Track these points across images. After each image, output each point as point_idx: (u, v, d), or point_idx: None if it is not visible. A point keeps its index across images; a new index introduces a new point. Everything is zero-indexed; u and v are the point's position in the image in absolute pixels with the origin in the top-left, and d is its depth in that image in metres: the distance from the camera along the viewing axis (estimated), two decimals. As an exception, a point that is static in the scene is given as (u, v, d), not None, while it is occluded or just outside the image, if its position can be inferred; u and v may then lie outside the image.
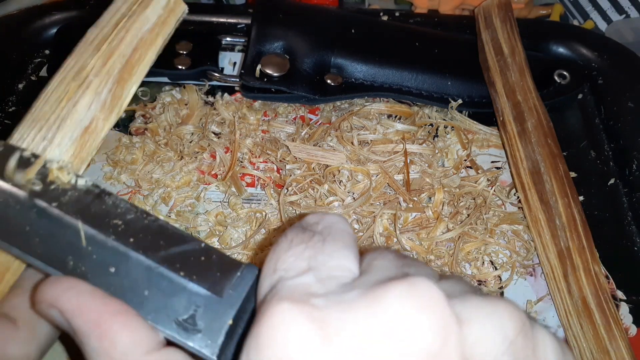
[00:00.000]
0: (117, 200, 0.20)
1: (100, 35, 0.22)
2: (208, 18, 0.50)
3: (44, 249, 0.18)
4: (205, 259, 0.19)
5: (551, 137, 0.40)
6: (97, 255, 0.18)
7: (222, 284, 0.18)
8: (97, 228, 0.19)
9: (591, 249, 0.35)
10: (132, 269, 0.18)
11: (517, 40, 0.44)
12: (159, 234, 0.19)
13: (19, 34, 0.48)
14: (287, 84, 0.42)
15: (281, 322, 0.14)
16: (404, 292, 0.14)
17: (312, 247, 0.17)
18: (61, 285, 0.18)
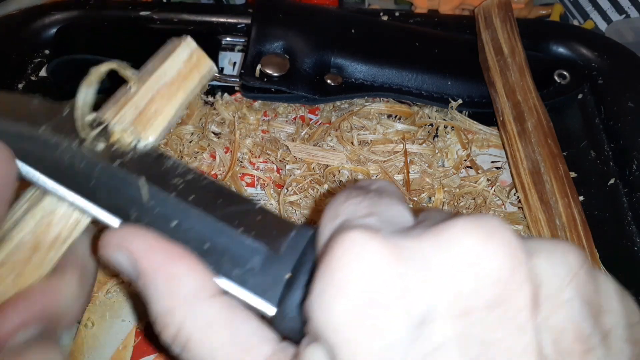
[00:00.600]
0: (176, 162, 0.20)
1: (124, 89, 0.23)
2: (208, 18, 0.50)
3: (108, 202, 0.19)
4: (261, 218, 0.19)
5: (551, 137, 0.40)
6: (159, 210, 0.19)
7: (278, 241, 0.19)
8: (158, 185, 0.19)
9: (591, 249, 0.35)
10: (193, 224, 0.19)
11: (517, 40, 0.44)
12: (217, 194, 0.20)
13: (19, 34, 0.48)
14: (287, 84, 0.42)
15: (355, 244, 0.15)
16: (473, 224, 0.15)
17: (370, 199, 0.18)
18: (130, 230, 0.19)
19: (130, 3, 0.50)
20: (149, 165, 0.20)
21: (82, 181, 0.20)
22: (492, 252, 0.14)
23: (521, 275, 0.14)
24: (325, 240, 0.17)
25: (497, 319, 0.14)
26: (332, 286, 0.15)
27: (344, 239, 0.15)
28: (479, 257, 0.14)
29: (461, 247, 0.14)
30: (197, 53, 0.25)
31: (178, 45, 0.24)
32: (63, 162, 0.20)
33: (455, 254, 0.14)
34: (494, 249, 0.14)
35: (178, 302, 0.17)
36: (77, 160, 0.20)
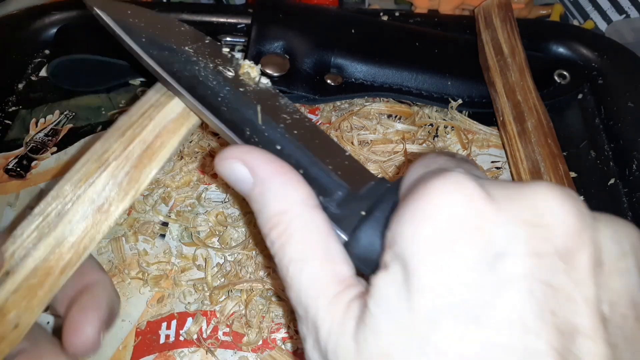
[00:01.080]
0: (288, 103, 0.24)
1: (128, 122, 0.25)
2: (208, 18, 0.50)
3: (228, 117, 0.23)
4: (348, 163, 0.22)
5: (551, 137, 0.40)
6: (268, 134, 0.22)
7: (359, 184, 0.21)
8: (270, 115, 0.23)
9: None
10: (293, 152, 0.22)
11: (517, 40, 0.44)
12: (316, 135, 0.23)
13: (19, 34, 0.48)
14: (287, 84, 0.42)
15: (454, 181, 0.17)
16: (554, 187, 0.17)
17: (457, 160, 0.20)
18: (248, 147, 0.21)
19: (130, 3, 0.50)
20: (266, 98, 0.24)
21: (211, 96, 0.23)
22: (566, 210, 0.16)
23: (587, 234, 0.16)
24: (414, 180, 0.19)
25: (563, 267, 0.16)
26: (429, 208, 0.17)
27: (444, 175, 0.17)
28: (556, 212, 0.16)
29: (542, 200, 0.16)
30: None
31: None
32: (199, 77, 0.23)
33: (537, 204, 0.16)
34: (568, 208, 0.16)
35: (291, 204, 0.20)
36: (210, 79, 0.23)
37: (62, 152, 0.42)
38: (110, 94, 0.46)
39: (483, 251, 0.16)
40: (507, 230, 0.16)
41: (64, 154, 0.42)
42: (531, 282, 0.15)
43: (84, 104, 0.45)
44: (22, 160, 0.41)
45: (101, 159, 0.24)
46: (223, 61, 0.24)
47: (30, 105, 0.45)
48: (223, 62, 0.24)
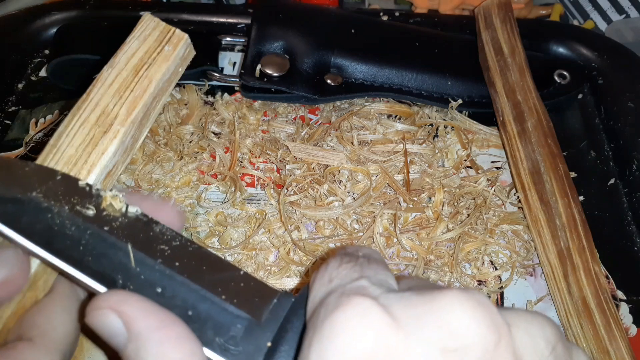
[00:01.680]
0: (164, 229, 0.21)
1: (120, 79, 0.23)
2: (208, 18, 0.50)
3: (95, 267, 0.20)
4: (244, 285, 0.20)
5: (551, 137, 0.40)
6: (145, 276, 0.19)
7: (260, 309, 0.19)
8: (144, 251, 0.20)
9: (591, 249, 0.35)
10: (177, 291, 0.19)
11: (517, 40, 0.44)
12: (202, 261, 0.20)
13: (19, 34, 0.48)
14: (287, 84, 0.42)
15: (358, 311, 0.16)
16: (462, 296, 0.16)
17: (360, 265, 0.19)
18: (123, 293, 0.19)
19: (130, 3, 0.51)
20: (137, 231, 0.20)
21: (71, 246, 0.20)
22: (479, 324, 0.15)
23: (504, 347, 0.15)
24: (319, 301, 0.17)
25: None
26: (334, 351, 0.15)
27: (346, 304, 0.16)
28: (469, 328, 0.15)
29: (452, 317, 0.15)
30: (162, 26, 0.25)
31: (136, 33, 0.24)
32: (54, 226, 0.20)
33: (447, 322, 0.15)
34: (481, 321, 0.15)
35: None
36: (67, 226, 0.20)
37: (62, 152, 0.42)
38: (110, 94, 0.46)
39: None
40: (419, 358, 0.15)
41: (64, 154, 0.42)
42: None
43: (84, 104, 0.45)
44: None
45: (104, 122, 0.22)
46: (81, 198, 0.21)
47: (30, 105, 0.45)
48: (81, 200, 0.21)
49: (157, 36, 0.24)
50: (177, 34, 0.24)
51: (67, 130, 0.22)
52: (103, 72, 0.23)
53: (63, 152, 0.22)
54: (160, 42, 0.24)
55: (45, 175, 0.21)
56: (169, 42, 0.24)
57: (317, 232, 0.37)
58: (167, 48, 0.24)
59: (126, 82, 0.23)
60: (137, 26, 0.24)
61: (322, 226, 0.37)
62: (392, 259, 0.36)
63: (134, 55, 0.23)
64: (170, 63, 0.24)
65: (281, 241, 0.36)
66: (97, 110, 0.23)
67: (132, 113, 0.23)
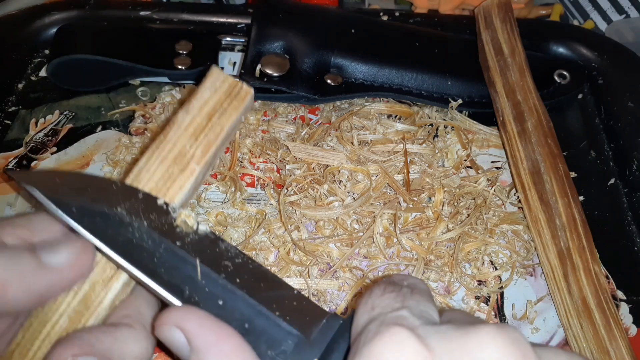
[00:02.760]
0: (229, 247, 0.23)
1: (195, 124, 0.25)
2: (208, 18, 0.50)
3: (166, 278, 0.22)
4: (297, 304, 0.22)
5: (551, 137, 0.40)
6: (209, 289, 0.21)
7: (310, 327, 0.21)
8: (210, 267, 0.22)
9: (591, 249, 0.35)
10: (237, 304, 0.21)
11: (517, 40, 0.44)
12: (260, 278, 0.22)
13: (19, 34, 0.48)
14: (287, 84, 0.42)
15: (395, 341, 0.16)
16: (496, 332, 0.16)
17: (403, 295, 0.19)
18: (185, 310, 0.21)
19: (130, 3, 0.51)
20: (205, 247, 0.23)
21: (147, 257, 0.22)
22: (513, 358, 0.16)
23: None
24: (361, 328, 0.18)
25: None
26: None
27: (384, 334, 0.17)
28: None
29: (484, 353, 0.16)
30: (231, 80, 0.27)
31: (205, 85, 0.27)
32: (133, 240, 0.22)
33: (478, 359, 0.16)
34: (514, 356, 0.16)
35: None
36: (145, 239, 0.22)
37: (62, 152, 0.42)
38: (110, 94, 0.46)
39: None
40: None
41: (64, 154, 0.42)
42: None
43: (83, 104, 0.45)
44: (22, 160, 0.41)
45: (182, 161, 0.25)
46: (158, 215, 0.23)
47: (30, 105, 0.45)
48: (158, 216, 0.23)
49: (227, 89, 0.26)
50: (244, 89, 0.27)
51: (147, 165, 0.25)
52: (179, 116, 0.25)
53: (144, 185, 0.24)
54: (229, 94, 0.26)
55: (129, 193, 0.24)
56: (237, 95, 0.26)
57: (317, 232, 0.37)
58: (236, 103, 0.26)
59: (200, 126, 0.25)
60: (206, 78, 0.26)
61: (322, 226, 0.37)
62: (392, 259, 0.36)
63: (206, 103, 0.26)
64: (239, 114, 0.26)
65: (281, 241, 0.36)
66: (174, 150, 0.25)
67: (206, 154, 0.25)
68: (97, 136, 0.43)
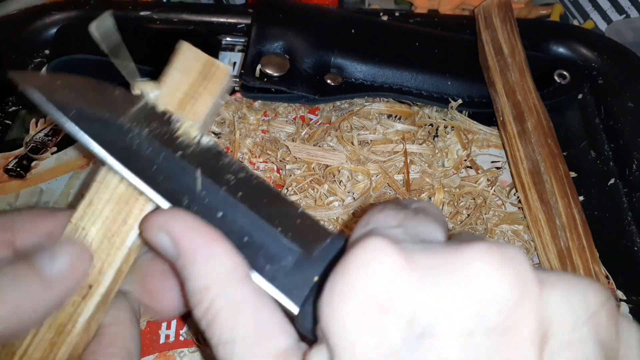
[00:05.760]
0: (233, 160, 0.22)
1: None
2: (208, 18, 0.50)
3: (164, 186, 0.21)
4: (300, 221, 0.21)
5: (551, 137, 0.40)
6: (209, 200, 0.21)
7: (313, 245, 0.20)
8: (212, 178, 0.21)
9: (591, 249, 0.35)
10: (237, 217, 0.20)
11: (517, 40, 0.44)
12: (264, 194, 0.21)
13: (19, 34, 0.48)
14: (287, 84, 0.42)
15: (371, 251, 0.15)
16: (488, 250, 0.15)
17: (405, 214, 0.18)
18: (173, 212, 0.20)
19: (130, 3, 0.50)
20: (207, 159, 0.22)
21: (146, 165, 0.22)
22: (501, 279, 0.14)
23: (528, 306, 0.14)
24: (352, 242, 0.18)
25: (498, 346, 0.14)
26: (342, 287, 0.15)
27: (363, 243, 0.16)
28: (490, 283, 0.14)
29: (471, 269, 0.15)
30: (204, 59, 0.25)
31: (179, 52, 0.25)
32: (132, 146, 0.22)
33: (468, 274, 0.15)
34: (504, 276, 0.14)
35: (213, 280, 0.18)
36: (144, 147, 0.22)
37: (62, 152, 0.42)
38: (110, 94, 0.46)
39: (406, 331, 0.14)
40: (430, 308, 0.14)
41: (64, 154, 0.42)
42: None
43: (84, 104, 0.45)
44: (22, 160, 0.41)
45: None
46: (160, 124, 0.22)
47: (30, 105, 0.45)
48: (160, 125, 0.22)
49: (201, 69, 0.24)
50: (221, 68, 0.25)
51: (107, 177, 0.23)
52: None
53: (113, 193, 0.23)
54: (204, 76, 0.24)
55: (130, 99, 0.23)
56: (213, 76, 0.24)
57: (317, 232, 0.37)
58: (212, 85, 0.24)
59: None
60: (176, 56, 0.24)
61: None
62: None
63: (177, 89, 0.24)
64: (215, 98, 0.24)
65: (281, 241, 0.36)
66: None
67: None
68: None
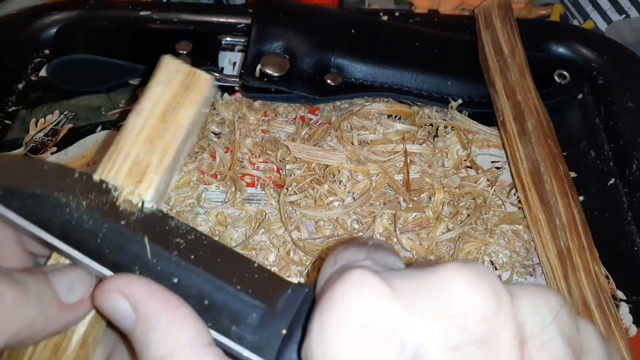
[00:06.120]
0: (179, 223, 0.21)
1: (148, 126, 0.22)
2: (208, 18, 0.50)
3: (112, 259, 0.20)
4: (258, 276, 0.20)
5: (551, 137, 0.40)
6: (161, 267, 0.20)
7: (275, 299, 0.19)
8: (161, 244, 0.20)
9: (591, 249, 0.35)
10: (193, 281, 0.20)
11: (517, 40, 0.44)
12: (216, 253, 0.21)
13: (19, 34, 0.48)
14: (287, 84, 0.42)
15: (356, 281, 0.16)
16: (461, 267, 0.16)
17: (367, 249, 0.19)
18: (131, 277, 0.19)
19: (130, 3, 0.50)
20: (153, 225, 0.21)
21: (89, 239, 0.20)
22: (477, 292, 0.15)
23: (505, 314, 0.15)
24: (323, 284, 0.18)
25: (484, 356, 0.15)
26: (332, 321, 0.16)
27: (345, 276, 0.16)
28: (467, 297, 0.15)
29: (450, 286, 0.15)
30: (186, 69, 0.24)
31: (160, 68, 0.23)
32: (72, 221, 0.21)
33: (445, 293, 0.15)
34: (479, 289, 0.15)
35: (177, 347, 0.18)
36: (84, 220, 0.21)
37: (62, 152, 0.42)
38: (110, 94, 0.46)
39: (399, 355, 0.15)
40: (418, 329, 0.15)
41: (64, 154, 0.42)
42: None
43: (83, 104, 0.45)
44: (22, 160, 0.41)
45: (137, 172, 0.22)
46: (98, 194, 0.21)
47: (30, 105, 0.45)
48: (99, 195, 0.21)
49: (182, 80, 0.23)
50: (202, 78, 0.23)
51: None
52: (129, 120, 0.23)
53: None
54: (186, 86, 0.23)
55: (63, 172, 0.22)
56: (194, 86, 0.23)
57: (317, 232, 0.37)
58: (193, 95, 0.23)
59: (155, 129, 0.22)
60: (157, 69, 0.23)
61: (322, 226, 0.37)
62: (392, 259, 0.36)
63: (159, 100, 0.23)
64: (197, 107, 0.23)
65: (281, 241, 0.36)
66: (128, 160, 0.22)
67: (164, 160, 0.22)
68: (97, 136, 0.43)
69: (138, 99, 0.23)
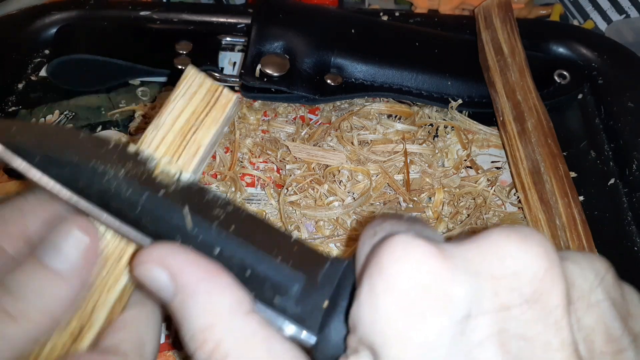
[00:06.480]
0: (217, 195, 0.21)
1: (167, 142, 0.22)
2: (208, 18, 0.50)
3: (152, 228, 0.20)
4: (298, 248, 0.20)
5: (551, 137, 0.40)
6: (202, 238, 0.20)
7: (315, 271, 0.19)
8: (200, 214, 0.20)
9: (591, 249, 0.35)
10: (235, 252, 0.19)
11: (517, 40, 0.44)
12: (255, 225, 0.21)
13: (19, 34, 0.48)
14: (287, 84, 0.42)
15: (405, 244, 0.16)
16: (509, 230, 0.16)
17: (406, 221, 0.18)
18: (170, 246, 0.19)
19: (130, 3, 0.50)
20: (191, 196, 0.21)
21: (128, 209, 0.20)
22: (527, 252, 0.15)
23: (555, 273, 0.15)
24: (366, 254, 0.17)
25: (535, 315, 0.15)
26: (381, 283, 0.15)
27: (392, 240, 0.16)
28: (519, 256, 0.15)
29: (499, 248, 0.15)
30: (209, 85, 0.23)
31: (185, 78, 0.23)
32: (110, 190, 0.20)
33: (495, 254, 0.15)
34: (529, 249, 0.15)
35: (218, 317, 0.17)
36: (123, 189, 0.20)
37: (62, 152, 0.42)
38: (110, 94, 0.46)
39: (449, 317, 0.15)
40: (469, 289, 0.15)
41: (64, 154, 0.42)
42: (503, 339, 0.15)
43: (83, 104, 0.45)
44: (22, 160, 0.41)
45: None
46: (135, 164, 0.21)
47: (30, 105, 0.45)
48: (136, 165, 0.21)
49: (204, 95, 0.23)
50: (225, 95, 0.23)
51: None
52: (148, 134, 0.22)
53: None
54: (207, 102, 0.23)
55: (98, 142, 0.22)
56: (217, 102, 0.23)
57: (317, 232, 0.37)
58: (215, 112, 0.23)
59: (173, 146, 0.22)
60: (181, 81, 0.23)
61: (322, 226, 0.37)
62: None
63: (180, 116, 0.22)
64: (220, 126, 0.23)
65: (281, 241, 0.36)
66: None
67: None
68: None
69: (158, 112, 0.22)
